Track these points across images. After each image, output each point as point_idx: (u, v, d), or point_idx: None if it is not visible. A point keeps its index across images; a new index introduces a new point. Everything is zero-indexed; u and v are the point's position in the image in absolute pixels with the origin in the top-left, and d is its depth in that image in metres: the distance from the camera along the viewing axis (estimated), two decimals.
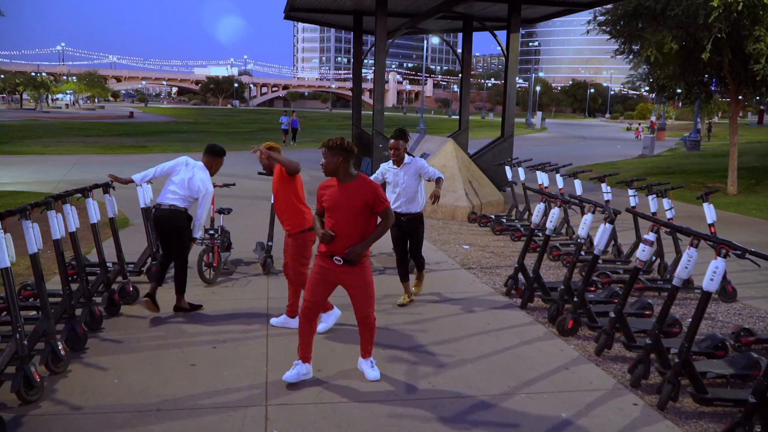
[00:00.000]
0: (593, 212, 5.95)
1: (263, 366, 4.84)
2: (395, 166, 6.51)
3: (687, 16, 12.94)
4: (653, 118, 60.25)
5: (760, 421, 3.83)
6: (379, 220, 4.61)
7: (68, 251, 6.04)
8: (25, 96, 78.34)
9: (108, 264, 6.14)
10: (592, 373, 4.87)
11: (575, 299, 5.68)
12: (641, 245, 4.96)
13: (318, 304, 4.63)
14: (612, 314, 5.13)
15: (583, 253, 8.32)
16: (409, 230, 6.53)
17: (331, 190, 4.53)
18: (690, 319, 4.42)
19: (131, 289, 6.30)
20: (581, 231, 5.93)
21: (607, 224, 5.48)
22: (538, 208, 6.64)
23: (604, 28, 15.47)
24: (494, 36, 14.06)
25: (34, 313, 5.71)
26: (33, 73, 79.58)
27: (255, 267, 7.85)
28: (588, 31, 15.93)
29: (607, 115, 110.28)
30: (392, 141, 6.39)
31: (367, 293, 4.59)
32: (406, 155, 6.45)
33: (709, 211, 7.10)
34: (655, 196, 7.67)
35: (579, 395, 4.49)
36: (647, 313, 6.26)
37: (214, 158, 6.15)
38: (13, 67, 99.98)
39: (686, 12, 12.92)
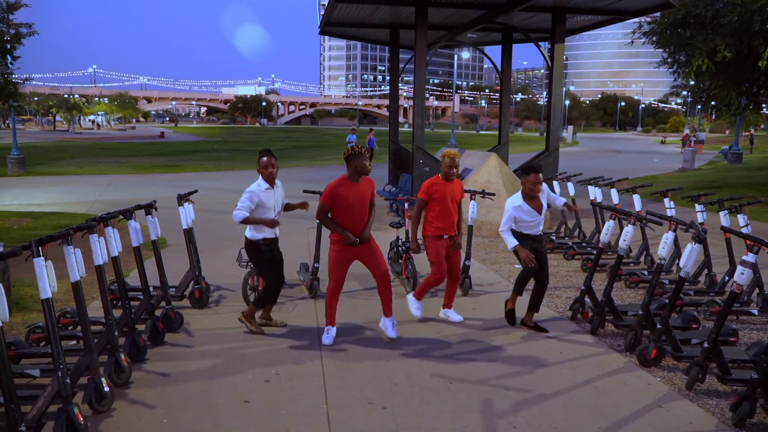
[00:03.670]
0: (674, 230, 5.44)
1: (323, 403, 4.41)
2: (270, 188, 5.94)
3: (741, 22, 12.37)
4: (687, 131, 58.96)
5: None
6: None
7: (108, 273, 5.72)
8: (58, 118, 79.74)
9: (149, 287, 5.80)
10: (689, 411, 4.35)
11: (658, 326, 5.17)
12: (740, 268, 4.44)
13: (342, 281, 5.53)
14: (706, 344, 4.62)
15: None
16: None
17: (344, 190, 5.32)
18: None
19: (175, 315, 5.94)
20: (662, 251, 5.42)
21: (696, 244, 4.97)
22: (608, 226, 6.15)
23: (651, 37, 14.92)
24: (538, 47, 13.58)
25: (73, 342, 5.38)
26: (66, 95, 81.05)
27: (300, 290, 7.47)
28: (632, 41, 15.39)
29: (639, 129, 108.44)
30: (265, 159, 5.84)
31: (379, 254, 5.53)
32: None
33: None
34: (727, 212, 7.12)
35: None
36: (732, 340, 5.73)
37: None
38: (47, 89, 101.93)
39: (741, 18, 12.35)
